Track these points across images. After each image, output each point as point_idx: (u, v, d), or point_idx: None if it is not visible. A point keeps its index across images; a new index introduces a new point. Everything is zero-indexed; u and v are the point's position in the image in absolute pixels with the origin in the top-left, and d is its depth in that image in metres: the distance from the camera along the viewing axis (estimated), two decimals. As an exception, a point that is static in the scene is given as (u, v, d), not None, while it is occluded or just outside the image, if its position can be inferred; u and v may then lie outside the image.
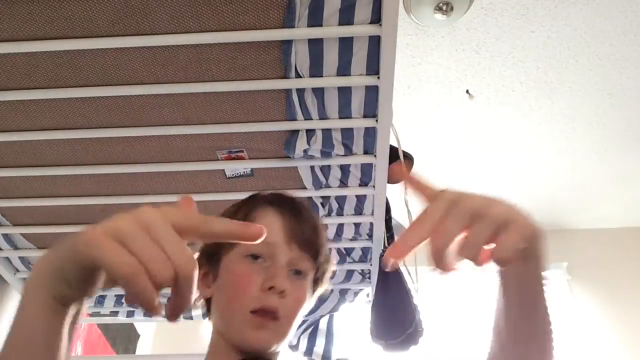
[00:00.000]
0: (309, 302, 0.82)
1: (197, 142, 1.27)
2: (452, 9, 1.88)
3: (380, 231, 1.48)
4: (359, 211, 1.48)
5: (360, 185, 1.38)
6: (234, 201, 1.45)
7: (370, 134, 1.23)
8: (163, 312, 0.41)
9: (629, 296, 3.02)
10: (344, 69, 1.09)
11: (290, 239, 0.77)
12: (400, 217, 1.59)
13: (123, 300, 1.87)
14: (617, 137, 2.60)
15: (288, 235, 0.77)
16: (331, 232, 1.57)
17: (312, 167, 1.33)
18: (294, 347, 1.78)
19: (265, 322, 0.72)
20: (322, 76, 1.10)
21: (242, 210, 0.83)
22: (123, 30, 1.02)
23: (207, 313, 0.83)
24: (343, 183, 1.38)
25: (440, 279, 0.67)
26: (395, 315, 1.40)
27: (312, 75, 1.10)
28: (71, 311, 0.48)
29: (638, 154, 2.71)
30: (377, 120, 1.18)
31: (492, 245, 0.47)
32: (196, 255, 0.83)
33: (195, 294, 0.42)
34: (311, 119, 1.20)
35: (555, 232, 3.05)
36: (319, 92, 1.14)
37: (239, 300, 0.73)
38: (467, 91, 2.31)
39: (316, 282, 0.82)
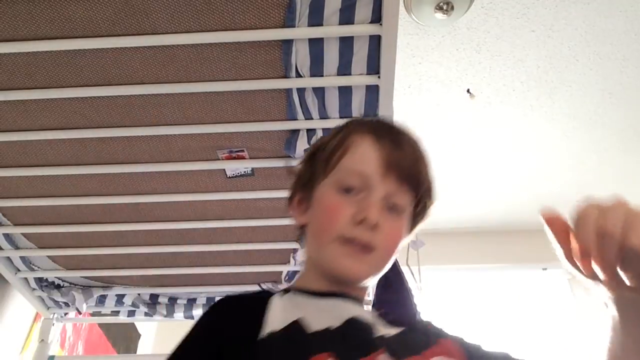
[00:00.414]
0: (407, 238, 0.75)
1: (197, 141, 1.27)
2: (452, 8, 1.88)
3: (380, 231, 1.48)
4: (359, 211, 1.48)
5: (360, 184, 1.38)
6: (234, 201, 1.47)
7: (370, 134, 1.23)
8: None
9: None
10: (344, 69, 1.09)
11: (387, 171, 0.69)
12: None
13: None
14: (617, 137, 2.60)
15: (385, 166, 0.69)
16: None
17: (312, 167, 1.32)
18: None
19: (357, 252, 0.66)
20: (322, 76, 1.10)
21: (338, 136, 0.75)
22: (123, 30, 1.02)
23: (302, 239, 0.78)
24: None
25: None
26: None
27: (312, 75, 1.10)
28: None
29: (638, 154, 2.71)
30: (377, 120, 1.18)
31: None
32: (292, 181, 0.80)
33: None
34: (312, 119, 1.20)
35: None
36: (319, 92, 1.14)
37: (329, 231, 0.67)
38: (467, 90, 2.31)
39: (416, 216, 0.74)
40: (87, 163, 1.32)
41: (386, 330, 0.67)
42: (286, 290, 0.71)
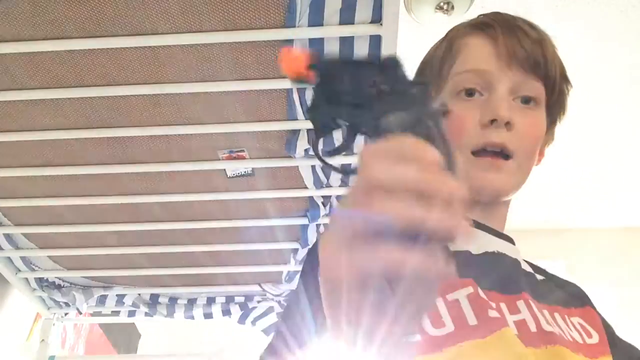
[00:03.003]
0: (548, 136, 0.66)
1: (197, 141, 1.27)
2: (453, 8, 1.87)
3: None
4: (359, 211, 1.48)
5: (361, 184, 1.38)
6: (234, 201, 1.47)
7: (371, 134, 1.22)
8: None
9: (629, 295, 3.02)
10: (344, 69, 1.08)
11: (507, 61, 0.60)
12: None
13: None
14: (617, 137, 2.60)
15: (504, 56, 0.60)
16: (332, 232, 1.56)
17: (313, 167, 1.32)
18: None
19: (494, 162, 0.58)
20: (322, 76, 1.10)
21: (443, 43, 0.67)
22: (123, 30, 1.02)
23: None
24: (344, 182, 1.38)
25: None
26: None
27: (312, 75, 1.10)
28: None
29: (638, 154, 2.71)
30: (377, 120, 1.18)
31: None
32: None
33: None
34: (312, 119, 1.20)
35: (554, 231, 3.05)
36: (319, 92, 1.14)
37: (458, 143, 0.58)
38: (467, 90, 2.32)
39: (553, 108, 0.65)
40: (87, 163, 1.32)
41: (531, 271, 0.61)
42: None
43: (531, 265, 0.64)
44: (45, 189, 1.40)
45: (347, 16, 0.99)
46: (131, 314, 1.93)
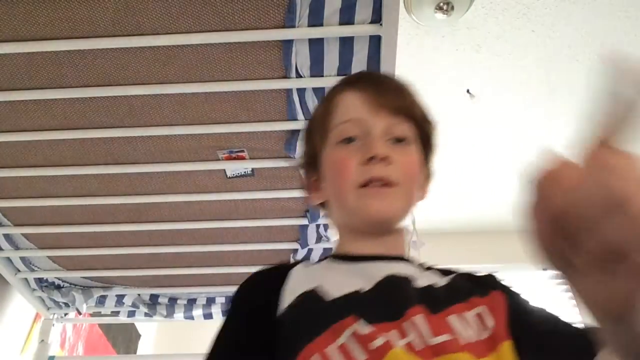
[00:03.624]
0: (425, 170, 0.73)
1: (197, 142, 1.27)
2: (452, 8, 1.87)
3: (381, 231, 1.48)
4: (359, 211, 1.48)
5: (360, 185, 1.38)
6: (234, 201, 1.46)
7: (370, 134, 1.23)
8: None
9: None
10: (344, 69, 1.08)
11: (377, 109, 0.69)
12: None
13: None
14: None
15: (373, 105, 0.69)
16: (332, 232, 1.57)
17: (312, 167, 1.32)
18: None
19: (379, 190, 0.65)
20: (322, 76, 1.10)
21: (323, 103, 0.76)
22: (124, 30, 1.02)
23: (329, 215, 0.77)
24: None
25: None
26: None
27: (312, 75, 1.10)
28: None
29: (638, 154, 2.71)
30: (377, 120, 1.18)
31: None
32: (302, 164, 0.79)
33: None
34: (312, 119, 1.20)
35: (555, 232, 3.06)
36: (319, 92, 1.14)
37: (345, 184, 0.66)
38: (467, 91, 2.31)
39: (424, 146, 0.73)
40: (87, 163, 1.32)
41: (433, 281, 0.64)
42: (320, 260, 0.69)
43: (438, 270, 0.68)
44: (45, 189, 1.40)
45: (347, 16, 0.99)
46: (131, 314, 1.93)
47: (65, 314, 1.91)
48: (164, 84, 1.12)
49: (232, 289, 2.02)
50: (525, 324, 0.62)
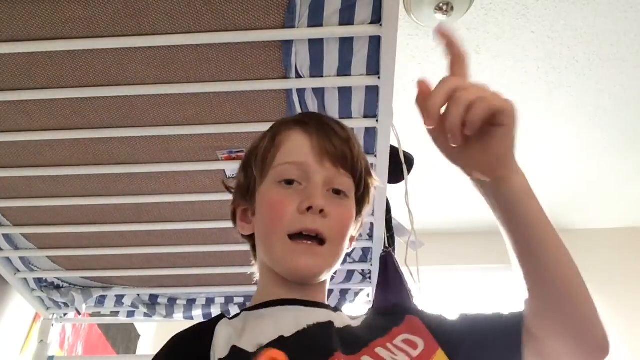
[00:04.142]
0: (357, 224, 0.74)
1: (197, 142, 1.27)
2: (452, 8, 1.88)
3: (380, 231, 1.48)
4: (359, 211, 1.48)
5: (360, 185, 1.38)
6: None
7: (370, 134, 1.23)
8: None
9: (629, 296, 3.02)
10: (344, 69, 1.08)
11: (321, 157, 0.69)
12: (400, 217, 1.59)
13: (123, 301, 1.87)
14: (617, 137, 2.60)
15: (318, 153, 0.69)
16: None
17: (312, 167, 1.32)
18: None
19: (310, 247, 0.65)
20: (322, 76, 1.10)
21: (267, 137, 0.75)
22: (123, 30, 1.02)
23: (253, 250, 0.78)
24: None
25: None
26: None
27: (312, 76, 1.10)
28: None
29: (638, 154, 2.71)
30: (377, 121, 1.18)
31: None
32: (232, 194, 0.81)
33: None
34: (312, 119, 1.20)
35: (555, 232, 3.06)
36: (319, 92, 1.14)
37: (277, 226, 0.66)
38: (467, 91, 2.32)
39: (361, 200, 0.74)
40: (87, 163, 1.32)
41: (348, 322, 0.67)
42: (239, 314, 0.69)
43: (351, 316, 0.70)
44: (44, 189, 1.40)
45: (346, 17, 0.99)
46: (130, 314, 1.93)
47: (65, 314, 1.91)
48: (164, 84, 1.12)
49: (232, 289, 2.03)
50: (447, 330, 0.67)
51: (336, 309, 0.70)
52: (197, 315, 1.89)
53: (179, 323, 1.95)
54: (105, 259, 1.66)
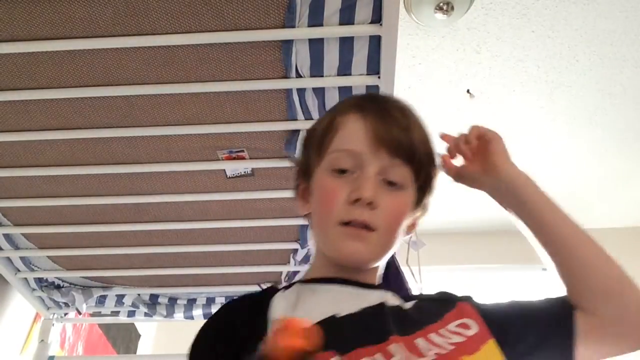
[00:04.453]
0: (416, 213, 0.72)
1: (197, 142, 1.27)
2: (452, 8, 1.87)
3: (380, 231, 1.48)
4: (359, 211, 1.48)
5: (360, 185, 1.38)
6: (234, 201, 1.47)
7: (370, 134, 1.23)
8: None
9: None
10: (344, 69, 1.09)
11: (376, 145, 0.66)
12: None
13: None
14: (617, 137, 2.60)
15: (374, 140, 0.66)
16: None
17: (312, 167, 1.32)
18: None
19: (359, 232, 0.64)
20: (322, 76, 1.10)
21: (326, 119, 0.73)
22: (124, 30, 1.02)
23: (311, 227, 0.76)
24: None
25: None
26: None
27: (312, 75, 1.10)
28: None
29: (638, 154, 2.71)
30: (377, 120, 1.18)
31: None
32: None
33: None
34: (312, 119, 1.20)
35: (555, 232, 3.06)
36: (319, 92, 1.14)
37: (327, 215, 0.66)
38: (467, 91, 2.31)
39: (422, 189, 0.71)
40: (87, 163, 1.32)
41: (399, 303, 0.66)
42: (290, 285, 0.69)
43: (402, 297, 0.70)
44: (45, 189, 1.40)
45: (347, 16, 0.99)
46: (131, 314, 1.93)
47: (65, 314, 1.91)
48: (164, 84, 1.12)
49: (232, 289, 2.03)
50: (497, 314, 0.67)
51: (388, 288, 0.69)
52: (198, 315, 1.89)
53: (180, 323, 1.95)
54: (105, 258, 1.66)
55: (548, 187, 0.70)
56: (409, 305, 0.67)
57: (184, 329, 3.13)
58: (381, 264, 0.71)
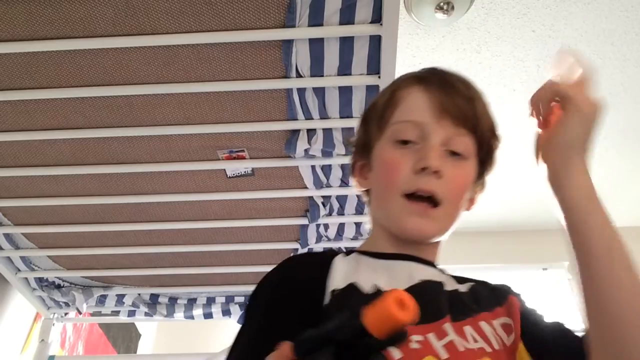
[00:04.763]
0: (477, 186, 0.71)
1: (198, 141, 1.27)
2: (452, 8, 1.87)
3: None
4: (360, 211, 1.48)
5: (361, 184, 1.38)
6: (234, 201, 1.47)
7: (371, 134, 1.23)
8: None
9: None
10: (344, 69, 1.08)
11: (440, 115, 0.66)
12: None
13: None
14: (617, 137, 2.60)
15: (437, 111, 0.66)
16: (332, 232, 1.57)
17: (313, 167, 1.33)
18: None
19: (425, 209, 0.63)
20: (322, 76, 1.10)
21: (386, 93, 0.72)
22: (124, 30, 1.02)
23: (369, 205, 0.75)
24: (344, 183, 1.38)
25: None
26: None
27: (312, 75, 1.10)
28: None
29: (638, 154, 2.71)
30: (377, 120, 1.18)
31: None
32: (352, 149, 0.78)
33: None
34: (312, 119, 1.20)
35: (556, 232, 3.06)
36: (319, 92, 1.14)
37: (391, 186, 0.65)
38: (467, 91, 2.32)
39: (483, 161, 0.71)
40: (87, 163, 1.32)
41: (456, 287, 0.65)
42: (349, 253, 0.67)
43: (458, 278, 0.69)
44: (45, 189, 1.40)
45: (347, 16, 0.99)
46: (131, 313, 1.93)
47: (66, 314, 1.91)
48: (164, 83, 1.12)
49: (232, 289, 2.03)
50: (533, 330, 0.63)
51: (444, 270, 0.69)
52: (198, 315, 1.89)
53: (180, 322, 1.95)
54: (105, 258, 1.66)
55: (548, 187, 0.68)
56: (464, 288, 0.66)
57: (184, 329, 3.15)
58: (443, 239, 0.69)
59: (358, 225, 1.53)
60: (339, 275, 0.60)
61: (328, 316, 0.56)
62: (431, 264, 0.67)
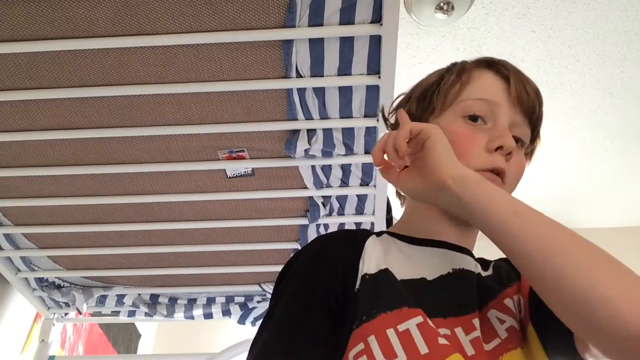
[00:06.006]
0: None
1: (197, 142, 1.27)
2: (453, 8, 1.87)
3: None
4: (360, 211, 1.48)
5: (361, 185, 1.38)
6: (234, 201, 1.47)
7: (371, 134, 1.23)
8: None
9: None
10: (344, 69, 1.08)
11: (515, 102, 0.67)
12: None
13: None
14: (617, 137, 2.60)
15: (514, 98, 0.67)
16: (332, 232, 1.56)
17: (313, 167, 1.33)
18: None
19: (496, 180, 0.63)
20: (323, 76, 1.10)
21: (453, 73, 0.72)
22: (124, 30, 1.02)
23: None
24: (344, 183, 1.38)
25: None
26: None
27: (313, 75, 1.10)
28: None
29: (638, 154, 2.71)
30: (378, 120, 1.18)
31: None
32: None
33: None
34: (312, 119, 1.20)
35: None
36: (319, 92, 1.14)
37: (464, 159, 0.62)
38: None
39: (526, 155, 0.72)
40: (87, 163, 1.32)
41: (480, 271, 0.66)
42: (380, 234, 0.67)
43: (480, 261, 0.69)
44: (45, 189, 1.40)
45: (347, 16, 0.99)
46: (131, 314, 1.93)
47: (66, 314, 1.91)
48: (164, 83, 1.12)
49: (232, 289, 2.03)
50: (539, 306, 0.61)
51: (474, 257, 0.68)
52: (198, 315, 1.89)
53: (180, 323, 1.95)
54: (106, 258, 1.66)
55: (548, 186, 0.68)
56: (486, 273, 0.67)
57: (184, 329, 3.15)
58: None
59: (358, 225, 1.53)
60: (372, 259, 0.60)
61: (357, 301, 0.56)
62: (466, 251, 0.67)
